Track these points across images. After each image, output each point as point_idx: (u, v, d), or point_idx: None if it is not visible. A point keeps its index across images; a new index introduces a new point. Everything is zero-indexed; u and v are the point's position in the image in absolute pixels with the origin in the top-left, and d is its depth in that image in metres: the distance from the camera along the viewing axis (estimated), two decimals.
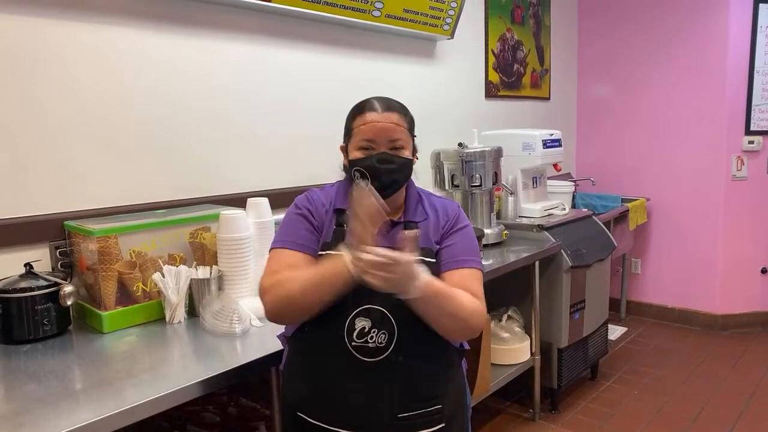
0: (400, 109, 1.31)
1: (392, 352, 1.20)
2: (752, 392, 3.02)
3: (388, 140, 1.27)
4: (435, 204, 1.37)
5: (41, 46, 1.71)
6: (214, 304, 1.65)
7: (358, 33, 2.67)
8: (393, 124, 1.27)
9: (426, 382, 1.25)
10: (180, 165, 2.06)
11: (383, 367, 1.20)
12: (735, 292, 3.91)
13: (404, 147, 1.29)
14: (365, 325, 1.20)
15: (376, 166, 1.26)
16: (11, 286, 1.52)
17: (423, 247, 1.27)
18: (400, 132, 1.28)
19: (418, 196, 1.37)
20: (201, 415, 1.80)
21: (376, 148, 1.27)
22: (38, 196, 1.72)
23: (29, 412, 1.12)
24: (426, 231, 1.31)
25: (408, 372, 1.23)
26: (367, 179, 1.26)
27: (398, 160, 1.27)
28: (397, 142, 1.27)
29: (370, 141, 1.27)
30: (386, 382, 1.21)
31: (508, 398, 2.94)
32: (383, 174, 1.26)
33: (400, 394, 1.22)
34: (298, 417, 1.29)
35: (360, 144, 1.28)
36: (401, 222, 1.32)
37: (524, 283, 2.70)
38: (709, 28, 3.77)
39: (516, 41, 3.71)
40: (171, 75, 2.01)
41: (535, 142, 2.94)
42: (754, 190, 3.84)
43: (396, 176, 1.28)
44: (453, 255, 1.30)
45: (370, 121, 1.27)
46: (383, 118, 1.27)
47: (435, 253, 1.29)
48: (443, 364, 1.30)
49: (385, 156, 1.26)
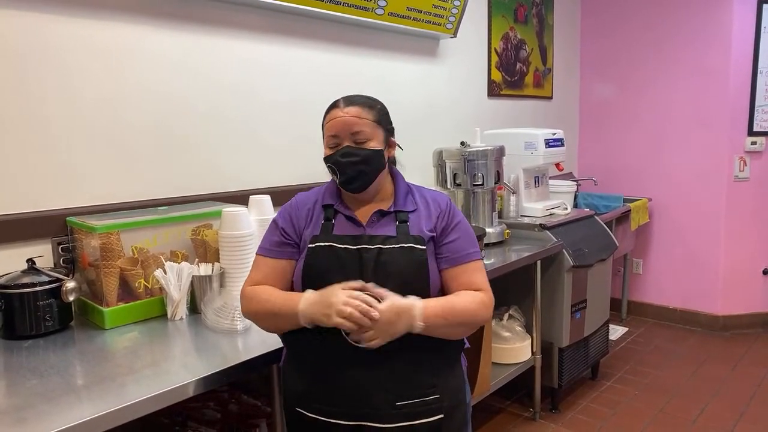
0: (365, 102, 1.33)
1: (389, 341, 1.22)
2: (753, 393, 3.01)
3: (350, 134, 1.30)
4: (425, 195, 1.40)
5: (44, 43, 1.71)
6: (215, 301, 1.65)
7: (361, 31, 2.67)
8: (354, 117, 1.29)
9: (424, 371, 1.27)
10: (182, 162, 2.06)
11: (381, 357, 1.21)
12: (736, 293, 3.90)
13: (369, 139, 1.31)
14: None
15: (339, 160, 1.30)
16: (13, 282, 1.52)
17: (414, 235, 1.30)
18: (362, 124, 1.30)
19: (407, 188, 1.40)
20: (202, 412, 1.81)
21: (341, 143, 1.31)
22: (41, 192, 1.72)
23: (31, 407, 1.12)
24: (417, 220, 1.34)
25: (406, 361, 1.24)
26: (336, 173, 1.31)
27: (362, 152, 1.30)
28: (360, 135, 1.30)
29: (335, 137, 1.31)
30: (383, 370, 1.23)
31: (509, 397, 2.95)
32: (348, 167, 1.29)
33: (398, 382, 1.24)
34: (297, 412, 1.30)
35: (327, 142, 1.33)
36: (391, 212, 1.34)
37: (526, 283, 2.70)
38: (713, 28, 3.76)
39: (519, 40, 3.70)
40: (173, 72, 2.01)
41: (537, 141, 2.94)
42: (757, 191, 3.83)
43: (362, 167, 1.30)
44: (456, 251, 1.33)
45: (333, 117, 1.31)
46: (344, 113, 1.30)
47: (426, 241, 1.31)
48: (441, 354, 1.31)
49: (348, 150, 1.29)
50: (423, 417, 1.25)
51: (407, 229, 1.31)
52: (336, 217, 1.34)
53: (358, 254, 1.26)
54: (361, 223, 1.33)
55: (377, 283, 1.23)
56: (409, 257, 1.26)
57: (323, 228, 1.32)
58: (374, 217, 1.33)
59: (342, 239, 1.29)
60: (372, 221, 1.33)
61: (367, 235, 1.29)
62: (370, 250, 1.26)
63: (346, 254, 1.27)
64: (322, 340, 1.24)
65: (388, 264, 1.25)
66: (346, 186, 1.32)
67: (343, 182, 1.31)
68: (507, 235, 2.72)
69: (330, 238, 1.30)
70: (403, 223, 1.32)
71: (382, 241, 1.27)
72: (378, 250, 1.26)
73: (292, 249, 1.34)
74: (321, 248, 1.28)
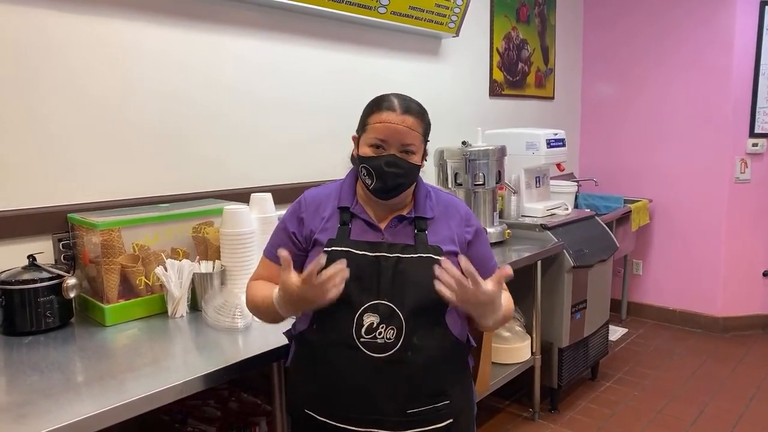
0: (419, 113, 1.28)
1: (400, 348, 1.21)
2: (752, 395, 3.02)
3: (400, 143, 1.24)
4: (442, 200, 1.38)
5: (45, 40, 1.70)
6: (216, 298, 1.65)
7: (364, 29, 2.66)
8: (408, 128, 1.24)
9: (434, 378, 1.25)
10: (184, 159, 2.06)
11: (392, 363, 1.21)
12: (736, 294, 3.90)
13: (415, 152, 1.27)
14: (374, 321, 1.21)
15: (384, 168, 1.24)
16: (14, 278, 1.52)
17: (432, 245, 1.27)
18: (413, 137, 1.25)
19: (427, 191, 1.37)
20: (202, 410, 1.81)
21: (387, 149, 1.25)
22: (42, 189, 1.72)
23: (32, 404, 1.12)
24: (435, 229, 1.31)
25: (417, 367, 1.23)
26: (373, 178, 1.25)
27: (406, 165, 1.25)
28: (409, 147, 1.25)
29: (382, 141, 1.25)
30: (395, 377, 1.21)
31: (508, 397, 2.95)
32: (389, 177, 1.24)
33: (408, 389, 1.22)
34: (306, 414, 1.29)
35: (372, 141, 1.26)
36: (411, 217, 1.31)
37: (526, 283, 2.70)
38: (715, 29, 3.76)
39: (521, 40, 3.70)
40: (175, 69, 2.01)
41: (538, 141, 2.94)
42: (758, 193, 3.83)
43: (401, 180, 1.26)
44: (485, 261, 1.37)
45: (386, 120, 1.24)
46: (399, 120, 1.24)
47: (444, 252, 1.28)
48: (451, 359, 1.30)
49: (394, 159, 1.24)
50: (433, 423, 1.25)
51: (425, 239, 1.28)
52: (352, 221, 1.30)
53: (377, 262, 1.23)
54: (380, 228, 1.29)
55: (394, 292, 1.21)
56: (428, 268, 1.21)
57: (339, 232, 1.27)
58: (393, 222, 1.30)
59: (359, 245, 1.25)
60: (390, 226, 1.30)
61: (387, 243, 1.26)
62: (389, 259, 1.23)
63: (364, 261, 1.23)
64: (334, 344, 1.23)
65: (406, 273, 1.23)
66: (379, 194, 1.27)
67: (377, 189, 1.26)
68: (508, 235, 2.72)
69: (347, 243, 1.25)
70: (422, 232, 1.29)
71: (401, 249, 1.24)
72: (396, 259, 1.23)
73: (298, 253, 1.31)
74: (337, 253, 1.23)
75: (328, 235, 1.28)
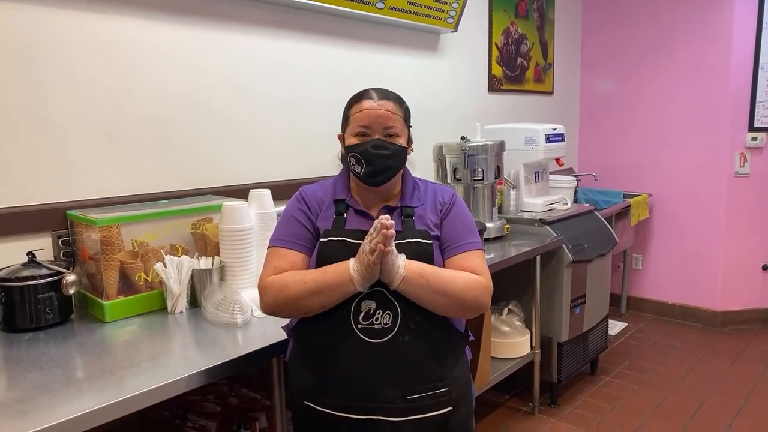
0: (396, 98, 1.35)
1: (397, 332, 1.23)
2: (751, 388, 3.02)
3: (383, 127, 1.30)
4: (430, 189, 1.41)
5: (44, 37, 1.70)
6: (215, 294, 1.65)
7: (361, 25, 2.66)
8: (388, 111, 1.31)
9: (433, 364, 1.27)
10: (183, 156, 2.06)
11: (390, 349, 1.22)
12: (736, 288, 3.91)
13: (399, 135, 1.33)
14: (371, 307, 1.24)
15: (371, 151, 1.29)
16: (14, 275, 1.52)
17: (419, 229, 1.31)
18: (395, 120, 1.32)
19: (414, 183, 1.41)
20: (202, 405, 1.81)
21: (371, 134, 1.31)
22: (41, 186, 1.72)
23: (32, 400, 1.12)
24: (422, 214, 1.35)
25: (415, 352, 1.25)
26: (362, 164, 1.29)
27: (392, 147, 1.31)
28: (392, 130, 1.31)
29: (366, 127, 1.30)
30: (393, 363, 1.23)
31: (508, 392, 2.96)
32: (377, 159, 1.29)
33: (407, 375, 1.24)
34: (306, 406, 1.30)
35: (356, 130, 1.32)
36: (398, 207, 1.36)
37: (525, 278, 2.71)
38: (714, 23, 3.75)
39: (520, 35, 3.69)
40: (174, 66, 2.01)
41: (537, 136, 2.94)
42: (757, 187, 3.83)
43: (389, 162, 1.30)
44: (454, 239, 1.34)
45: (367, 108, 1.31)
46: (379, 106, 1.31)
47: (432, 235, 1.32)
48: (449, 347, 1.32)
49: (379, 142, 1.30)
50: (433, 410, 1.26)
51: (413, 224, 1.32)
52: (347, 212, 1.35)
53: None
54: (372, 216, 1.34)
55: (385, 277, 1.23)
56: (416, 251, 1.27)
57: (335, 222, 1.33)
58: (382, 212, 1.34)
59: (354, 233, 1.29)
60: (380, 215, 1.32)
61: None
62: None
63: (358, 249, 1.26)
64: (333, 333, 1.25)
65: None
66: (369, 178, 1.31)
67: (367, 173, 1.30)
68: (507, 230, 2.72)
69: (342, 232, 1.30)
70: (409, 218, 1.33)
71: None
72: None
73: (312, 241, 1.33)
74: (333, 242, 1.29)
75: (325, 226, 1.33)
